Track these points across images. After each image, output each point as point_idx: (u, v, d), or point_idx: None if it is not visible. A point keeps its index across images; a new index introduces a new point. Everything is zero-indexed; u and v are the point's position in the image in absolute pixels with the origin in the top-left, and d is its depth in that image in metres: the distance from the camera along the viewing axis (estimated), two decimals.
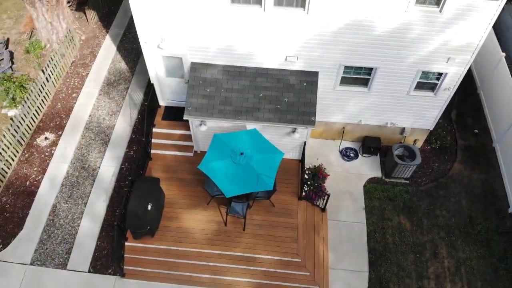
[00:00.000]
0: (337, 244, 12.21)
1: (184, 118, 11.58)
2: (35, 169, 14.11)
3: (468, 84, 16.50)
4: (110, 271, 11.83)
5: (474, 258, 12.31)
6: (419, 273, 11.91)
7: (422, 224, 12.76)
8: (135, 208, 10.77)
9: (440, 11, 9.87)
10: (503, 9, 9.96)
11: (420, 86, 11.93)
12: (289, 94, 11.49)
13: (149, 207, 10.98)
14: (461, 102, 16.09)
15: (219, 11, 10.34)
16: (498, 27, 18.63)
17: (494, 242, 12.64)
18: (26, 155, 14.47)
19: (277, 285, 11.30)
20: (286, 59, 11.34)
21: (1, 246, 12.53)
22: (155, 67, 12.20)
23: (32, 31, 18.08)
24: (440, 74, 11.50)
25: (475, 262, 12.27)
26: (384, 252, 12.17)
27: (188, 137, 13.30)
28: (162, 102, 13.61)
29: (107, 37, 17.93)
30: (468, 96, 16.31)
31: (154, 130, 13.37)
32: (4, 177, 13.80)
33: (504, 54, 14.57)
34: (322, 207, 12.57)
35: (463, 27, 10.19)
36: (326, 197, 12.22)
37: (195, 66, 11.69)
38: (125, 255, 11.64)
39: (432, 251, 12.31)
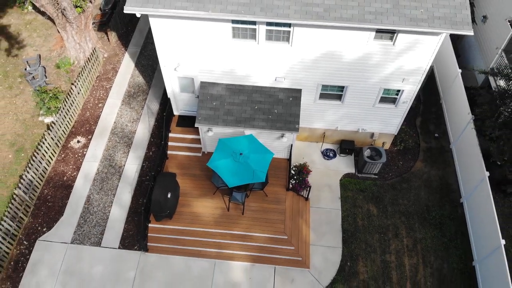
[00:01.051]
0: (317, 225, 15.22)
1: (196, 126, 14.58)
2: (71, 166, 17.12)
3: (434, 95, 19.53)
4: (135, 247, 14.83)
5: (428, 238, 15.30)
6: (383, 249, 14.90)
7: (387, 211, 15.76)
8: (158, 196, 13.79)
9: (393, 44, 12.86)
10: None
11: (383, 100, 14.94)
12: (278, 107, 14.50)
13: (169, 195, 13.99)
14: (426, 111, 19.09)
15: (223, 44, 13.35)
16: (462, 46, 21.73)
17: (446, 226, 15.61)
18: (63, 155, 17.48)
19: (269, 257, 14.31)
20: (275, 79, 14.36)
21: (45, 229, 15.53)
22: (172, 84, 15.20)
23: (62, 49, 21.06)
24: (398, 90, 14.50)
25: (429, 241, 15.25)
26: (355, 233, 15.17)
27: (198, 141, 16.31)
28: (176, 112, 16.62)
29: (126, 55, 20.95)
30: (433, 105, 19.31)
31: (170, 135, 16.38)
32: (45, 173, 16.81)
33: (460, 70, 17.51)
34: (306, 196, 15.58)
35: (413, 56, 13.19)
36: (308, 189, 15.23)
37: (204, 85, 14.70)
38: (148, 234, 14.64)
39: (394, 232, 15.31)
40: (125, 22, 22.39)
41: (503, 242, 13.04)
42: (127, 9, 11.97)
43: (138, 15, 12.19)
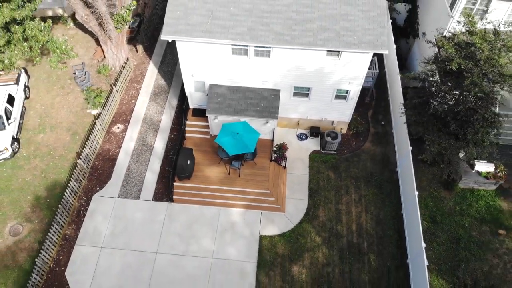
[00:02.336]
0: (291, 185, 21.59)
1: (206, 115, 20.94)
2: (114, 145, 23.49)
3: (385, 93, 25.86)
4: (164, 199, 21.19)
5: (370, 194, 21.67)
6: (337, 201, 21.27)
7: (341, 176, 22.13)
8: (181, 162, 20.18)
9: (339, 59, 19.20)
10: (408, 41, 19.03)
11: (337, 97, 21.29)
12: (264, 102, 20.86)
13: (188, 162, 20.38)
14: (377, 105, 25.45)
15: (225, 58, 19.68)
16: (406, 55, 28.04)
17: (384, 186, 21.97)
18: (107, 137, 23.85)
19: (257, 205, 20.67)
20: (262, 82, 20.71)
21: (98, 188, 21.88)
22: (189, 86, 21.56)
23: (101, 58, 27.37)
24: (347, 90, 20.85)
25: (371, 196, 21.62)
26: (317, 190, 21.54)
27: (206, 126, 22.66)
28: (191, 106, 22.99)
29: (151, 63, 27.32)
30: (383, 101, 25.67)
31: (187, 122, 22.74)
32: (96, 150, 23.17)
33: (400, 74, 23.72)
34: (284, 165, 21.94)
35: (353, 67, 19.53)
36: (285, 160, 21.59)
37: (211, 86, 21.05)
38: (174, 190, 21.01)
39: (345, 190, 21.68)
40: (148, 37, 28.74)
41: (416, 193, 19.38)
42: (163, 37, 18.33)
43: (169, 41, 18.55)
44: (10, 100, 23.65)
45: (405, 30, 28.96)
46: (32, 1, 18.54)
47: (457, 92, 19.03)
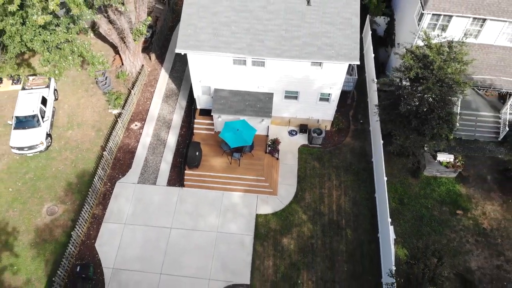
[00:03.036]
0: (283, 173, 25.75)
1: (211, 114, 25.09)
2: (133, 140, 27.64)
3: (365, 96, 30.01)
4: (176, 185, 25.35)
5: (349, 180, 25.82)
6: (320, 186, 25.42)
7: (325, 165, 26.29)
8: (191, 153, 24.36)
9: (321, 68, 23.34)
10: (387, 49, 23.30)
11: (321, 99, 25.42)
12: (259, 103, 25.00)
13: (197, 153, 24.55)
14: (358, 106, 29.60)
15: (227, 67, 23.81)
16: (384, 61, 32.13)
17: (360, 174, 26.11)
18: (127, 133, 28.00)
19: (254, 189, 24.83)
20: (258, 87, 24.86)
21: (121, 176, 26.02)
22: (197, 90, 25.72)
23: (119, 65, 31.50)
24: (329, 94, 24.98)
25: (349, 182, 25.76)
26: (304, 177, 25.69)
27: (211, 124, 26.80)
28: (199, 107, 27.15)
29: (162, 69, 31.49)
30: (363, 103, 29.82)
31: (195, 120, 26.90)
32: (118, 144, 27.32)
33: (375, 80, 27.81)
34: (277, 157, 26.10)
35: (333, 75, 23.66)
36: (278, 152, 25.75)
37: (216, 90, 25.19)
38: (185, 177, 25.17)
39: (328, 176, 25.84)
40: (159, 47, 32.89)
41: (385, 179, 23.51)
42: (178, 50, 22.47)
43: (182, 54, 22.70)
44: (44, 101, 27.81)
45: (385, 40, 33.09)
46: (76, 24, 22.71)
47: (419, 95, 23.18)
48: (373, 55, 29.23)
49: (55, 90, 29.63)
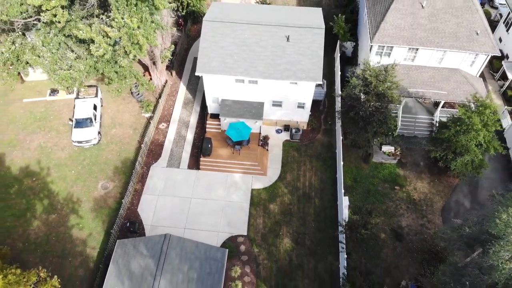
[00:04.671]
0: (271, 160, 35.72)
1: (219, 117, 35.05)
2: (161, 136, 37.60)
3: (333, 104, 39.93)
4: (194, 168, 35.30)
5: (319, 165, 35.77)
6: (298, 169, 35.35)
7: (302, 154, 36.24)
8: (205, 146, 34.36)
9: (297, 86, 33.27)
10: (352, 67, 33.38)
11: (299, 107, 35.35)
12: (254, 109, 34.95)
13: (209, 145, 34.56)
14: (328, 111, 39.52)
15: (231, 84, 33.74)
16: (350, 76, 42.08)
17: (327, 161, 36.05)
18: (156, 131, 37.96)
19: (249, 171, 34.76)
20: (253, 98, 34.81)
21: (154, 161, 35.95)
22: (209, 100, 35.69)
23: (149, 79, 41.37)
24: (304, 103, 34.92)
25: (319, 166, 35.71)
26: (287, 163, 35.65)
27: (219, 124, 36.73)
28: (209, 111, 37.13)
29: (181, 83, 41.46)
30: (331, 109, 39.73)
31: (207, 122, 36.88)
32: (150, 139, 37.24)
33: (339, 94, 37.70)
34: (267, 148, 36.06)
35: (306, 90, 33.57)
36: (268, 145, 35.75)
37: (223, 100, 35.14)
38: (200, 162, 35.12)
39: (303, 162, 35.79)
40: (178, 65, 42.84)
41: (341, 163, 33.45)
42: (197, 73, 32.43)
43: (199, 76, 32.64)
44: (95, 107, 37.73)
45: (352, 60, 43.08)
46: (130, 53, 32.58)
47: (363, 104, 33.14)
48: (340, 73, 39.19)
49: (100, 98, 39.52)
